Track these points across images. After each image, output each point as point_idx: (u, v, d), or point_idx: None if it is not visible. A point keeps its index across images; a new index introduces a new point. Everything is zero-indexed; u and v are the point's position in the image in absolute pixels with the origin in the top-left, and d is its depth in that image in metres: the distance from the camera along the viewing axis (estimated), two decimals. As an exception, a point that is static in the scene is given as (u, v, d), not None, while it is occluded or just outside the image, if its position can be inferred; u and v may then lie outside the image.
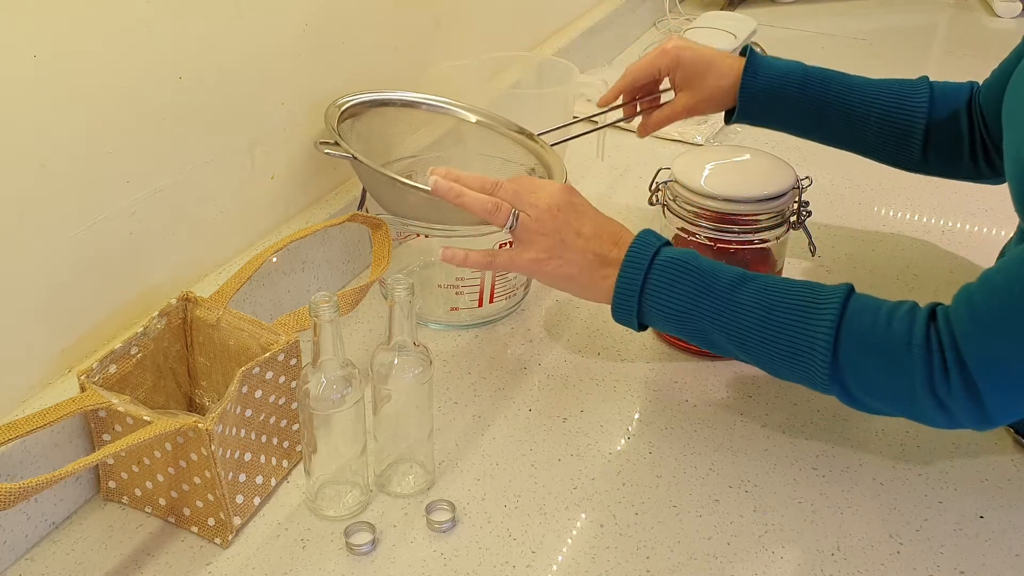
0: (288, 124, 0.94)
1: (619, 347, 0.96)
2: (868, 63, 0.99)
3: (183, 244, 0.85)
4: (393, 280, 0.71)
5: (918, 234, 1.16)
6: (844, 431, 0.85)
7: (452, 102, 1.04)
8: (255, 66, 0.88)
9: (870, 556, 0.73)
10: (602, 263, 0.81)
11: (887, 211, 1.21)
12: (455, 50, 1.22)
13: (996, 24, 1.90)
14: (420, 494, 0.78)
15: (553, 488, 0.79)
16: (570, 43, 1.50)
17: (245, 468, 0.75)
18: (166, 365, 0.80)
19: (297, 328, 0.79)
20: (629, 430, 0.85)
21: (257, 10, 0.86)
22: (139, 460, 0.74)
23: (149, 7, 0.75)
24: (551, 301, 1.03)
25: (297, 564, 0.72)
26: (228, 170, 0.88)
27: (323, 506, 0.76)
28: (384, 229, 0.89)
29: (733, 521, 0.76)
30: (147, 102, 0.77)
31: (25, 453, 0.70)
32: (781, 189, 0.89)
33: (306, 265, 0.98)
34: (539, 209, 0.82)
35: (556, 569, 0.72)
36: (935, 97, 0.98)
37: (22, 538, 0.72)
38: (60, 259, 0.73)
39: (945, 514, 0.77)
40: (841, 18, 1.91)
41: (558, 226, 0.82)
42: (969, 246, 1.14)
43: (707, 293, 0.77)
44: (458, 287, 0.96)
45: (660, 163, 0.99)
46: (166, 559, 0.72)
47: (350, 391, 0.72)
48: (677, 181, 0.91)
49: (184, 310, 0.80)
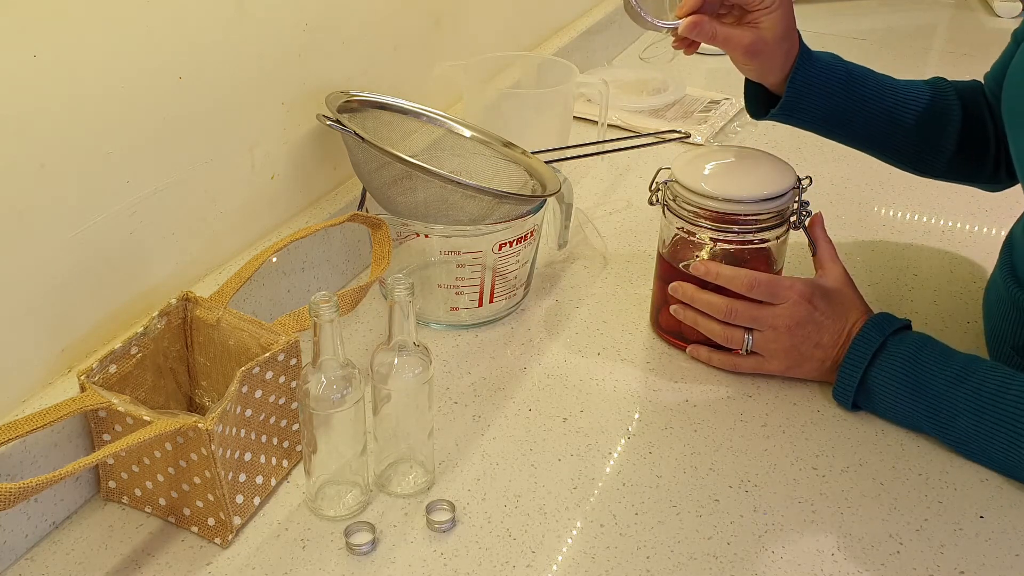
0: (288, 124, 0.94)
1: (619, 347, 0.96)
2: (868, 63, 0.98)
3: (183, 244, 0.85)
4: (393, 280, 0.71)
5: (918, 234, 1.16)
6: (844, 431, 0.85)
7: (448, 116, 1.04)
8: (255, 66, 0.88)
9: (870, 556, 0.73)
10: (836, 367, 0.86)
11: (887, 211, 1.21)
12: (455, 50, 1.22)
13: (996, 24, 1.90)
14: (420, 494, 0.78)
15: (553, 488, 0.79)
16: (570, 43, 1.50)
17: (245, 468, 0.75)
18: (166, 365, 0.80)
19: (297, 328, 0.79)
20: (629, 430, 0.85)
21: (257, 10, 0.86)
22: (139, 460, 0.74)
23: (149, 7, 0.75)
24: (551, 301, 1.03)
25: (297, 564, 0.72)
26: (228, 170, 0.88)
27: (323, 506, 0.76)
28: (384, 229, 0.89)
29: (733, 521, 0.76)
30: (147, 102, 0.77)
31: (25, 453, 0.70)
32: (781, 189, 0.89)
33: (306, 265, 0.98)
34: (778, 331, 0.87)
35: (556, 569, 0.72)
36: (963, 98, 0.97)
37: (22, 538, 0.72)
38: (60, 259, 0.73)
39: (945, 514, 0.77)
40: (841, 18, 1.91)
41: (796, 343, 0.87)
42: (969, 246, 1.14)
43: (922, 395, 0.81)
44: (458, 287, 0.96)
45: (660, 163, 0.99)
46: (166, 559, 0.72)
47: (350, 391, 0.72)
48: (677, 181, 0.91)
49: (184, 310, 0.80)
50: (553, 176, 0.98)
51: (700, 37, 0.90)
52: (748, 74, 0.95)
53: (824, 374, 0.88)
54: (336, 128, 0.89)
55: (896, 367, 0.82)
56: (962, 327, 0.99)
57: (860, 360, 0.83)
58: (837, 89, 0.95)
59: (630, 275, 1.07)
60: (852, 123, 0.97)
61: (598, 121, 1.25)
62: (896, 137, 0.98)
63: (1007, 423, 0.77)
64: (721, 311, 0.88)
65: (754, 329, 0.88)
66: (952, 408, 0.80)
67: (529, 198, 0.93)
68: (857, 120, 0.97)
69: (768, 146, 1.02)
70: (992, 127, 0.96)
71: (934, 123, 0.97)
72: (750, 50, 0.90)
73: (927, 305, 1.03)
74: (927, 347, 0.82)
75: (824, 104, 0.95)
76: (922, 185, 1.05)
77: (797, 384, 0.90)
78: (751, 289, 0.86)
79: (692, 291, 0.90)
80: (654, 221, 1.14)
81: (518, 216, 0.93)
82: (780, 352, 0.87)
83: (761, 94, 0.98)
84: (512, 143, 1.03)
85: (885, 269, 1.09)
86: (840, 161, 1.06)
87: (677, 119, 1.42)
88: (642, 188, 1.03)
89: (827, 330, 0.86)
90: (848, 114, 0.96)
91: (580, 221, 1.17)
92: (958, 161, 0.98)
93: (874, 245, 1.14)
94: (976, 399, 0.78)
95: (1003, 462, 0.79)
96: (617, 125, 1.40)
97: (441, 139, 1.04)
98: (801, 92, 0.94)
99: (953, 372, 0.80)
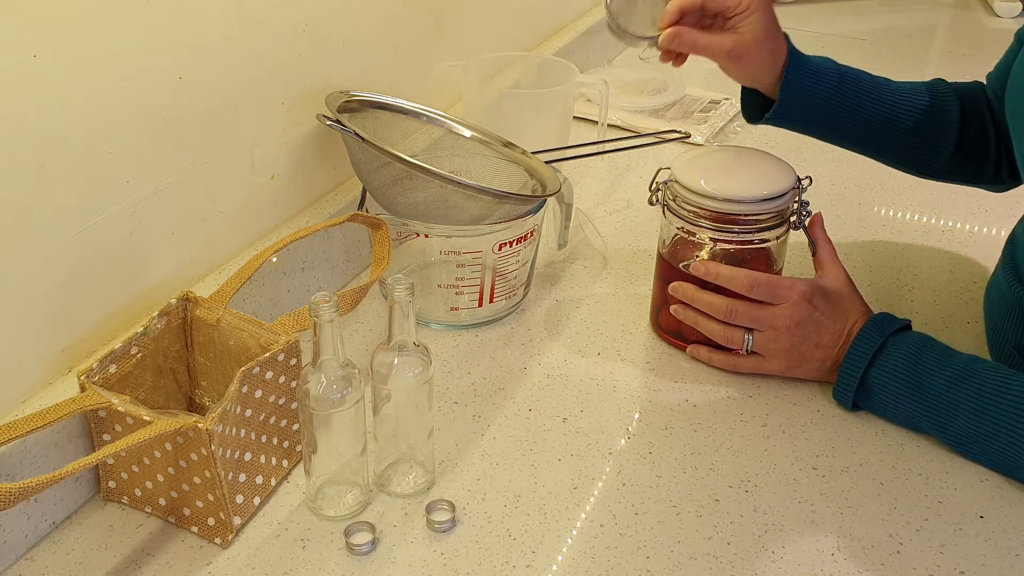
0: (288, 124, 0.94)
1: (619, 347, 0.96)
2: (868, 63, 0.98)
3: (183, 244, 0.85)
4: (393, 280, 0.71)
5: (918, 234, 1.16)
6: (844, 431, 0.85)
7: (448, 116, 1.04)
8: (255, 66, 0.88)
9: (870, 556, 0.73)
10: (837, 367, 0.86)
11: (887, 211, 1.21)
12: (455, 50, 1.22)
13: (996, 24, 1.90)
14: (420, 494, 0.78)
15: (553, 488, 0.79)
16: (570, 43, 1.50)
17: (245, 468, 0.75)
18: (166, 365, 0.80)
19: (297, 328, 0.79)
20: (629, 430, 0.85)
21: (257, 10, 0.86)
22: (139, 460, 0.74)
23: (149, 7, 0.75)
24: (551, 301, 1.03)
25: (297, 564, 0.72)
26: (228, 170, 0.88)
27: (323, 506, 0.76)
28: (384, 229, 0.89)
29: (733, 521, 0.76)
30: (147, 102, 0.77)
31: (25, 453, 0.70)
32: (781, 189, 0.89)
33: (306, 265, 0.98)
34: (778, 331, 0.87)
35: (556, 569, 0.72)
36: (962, 99, 0.96)
37: (22, 538, 0.72)
38: (60, 259, 0.73)
39: (945, 514, 0.77)
40: (841, 18, 1.91)
41: (796, 343, 0.87)
42: (969, 246, 1.14)
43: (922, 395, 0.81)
44: (458, 287, 0.96)
45: (660, 163, 0.99)
46: (166, 559, 0.72)
47: (350, 391, 0.72)
48: (677, 181, 0.91)
49: (184, 310, 0.80)
50: (553, 176, 0.98)
51: (682, 48, 0.92)
52: (737, 78, 0.96)
53: (824, 374, 0.88)
54: (336, 128, 0.89)
55: (896, 367, 0.82)
56: (962, 327, 0.99)
57: (860, 360, 0.83)
58: (830, 91, 0.95)
59: (630, 275, 1.07)
60: (848, 125, 0.97)
61: (598, 121, 1.25)
62: (893, 139, 0.98)
63: (1007, 423, 0.77)
64: (721, 311, 0.88)
65: (754, 329, 0.88)
66: (952, 408, 0.80)
67: (529, 198, 0.93)
68: (852, 122, 0.97)
69: (768, 146, 1.02)
70: (992, 128, 0.96)
71: (932, 124, 0.96)
72: (732, 54, 0.91)
73: (927, 305, 1.03)
74: (927, 347, 0.82)
75: (818, 106, 0.95)
76: (922, 185, 1.05)
77: (797, 384, 0.90)
78: (751, 289, 0.86)
79: (692, 291, 0.90)
80: (654, 221, 1.14)
81: (518, 216, 0.93)
82: (780, 352, 0.87)
83: (757, 99, 0.99)
84: (512, 143, 1.03)
85: (885, 269, 1.09)
86: (840, 161, 1.06)
87: (677, 119, 1.42)
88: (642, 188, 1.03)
89: (827, 330, 0.86)
90: (843, 116, 0.96)
91: (580, 221, 1.17)
92: (958, 162, 0.98)
93: (874, 245, 1.14)
94: (976, 399, 0.78)
95: (1003, 462, 0.79)
96: (617, 125, 1.40)
97: (441, 139, 1.04)
98: (794, 95, 0.94)
99: (953, 372, 0.80)
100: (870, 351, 0.83)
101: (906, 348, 0.83)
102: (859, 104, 0.96)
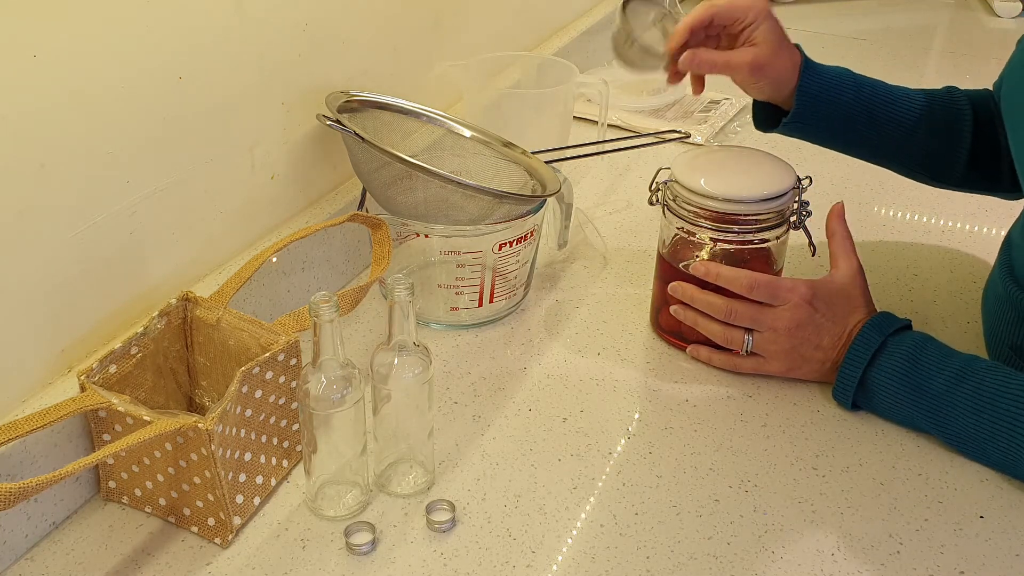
0: (288, 124, 0.94)
1: (619, 347, 0.96)
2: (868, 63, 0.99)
3: (183, 244, 0.85)
4: (393, 280, 0.71)
5: (918, 234, 1.16)
6: (844, 431, 0.85)
7: (448, 116, 1.04)
8: (255, 66, 0.88)
9: (870, 556, 0.73)
10: (837, 368, 0.86)
11: (887, 211, 1.21)
12: (455, 50, 1.22)
13: (996, 24, 1.90)
14: (420, 494, 0.78)
15: (553, 488, 0.79)
16: (570, 43, 1.50)
17: (245, 468, 0.75)
18: (166, 365, 0.80)
19: (297, 328, 0.79)
20: (629, 430, 0.85)
21: (257, 10, 0.86)
22: (139, 460, 0.74)
23: (149, 7, 0.75)
24: (551, 301, 1.03)
25: (297, 564, 0.72)
26: (228, 170, 0.88)
27: (323, 506, 0.76)
28: (384, 229, 0.89)
29: (733, 521, 0.76)
30: (147, 102, 0.77)
31: (25, 453, 0.70)
32: (781, 189, 0.89)
33: (306, 265, 0.98)
34: (778, 332, 0.86)
35: (556, 569, 0.72)
36: (975, 106, 0.96)
37: (22, 538, 0.72)
38: (60, 259, 0.73)
39: (945, 514, 0.77)
40: (841, 18, 1.91)
41: (796, 345, 0.87)
42: (969, 246, 1.14)
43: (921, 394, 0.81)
44: (458, 287, 0.96)
45: (660, 163, 0.99)
46: (166, 559, 0.72)
47: (350, 391, 0.72)
48: (677, 181, 0.91)
49: (184, 310, 0.80)
50: (553, 176, 0.98)
51: (701, 68, 0.91)
52: (759, 94, 0.95)
53: (824, 375, 0.88)
54: (336, 128, 0.89)
55: (896, 367, 0.82)
56: (962, 327, 0.99)
57: (860, 360, 0.83)
58: (847, 97, 0.94)
59: (630, 275, 1.07)
60: (864, 133, 0.97)
61: (598, 121, 1.26)
62: (910, 147, 0.97)
63: (1006, 423, 0.77)
64: (721, 312, 0.88)
65: (754, 330, 0.88)
66: (951, 408, 0.80)
67: (529, 198, 0.93)
68: (868, 129, 0.96)
69: (768, 146, 1.02)
70: (1004, 135, 0.96)
71: (947, 132, 0.96)
72: (754, 66, 0.91)
73: (927, 305, 1.03)
74: (927, 347, 0.82)
75: (835, 113, 0.94)
76: (922, 186, 1.05)
77: (797, 384, 0.90)
78: (751, 290, 0.86)
79: (692, 291, 0.90)
80: (654, 221, 1.14)
81: (518, 216, 0.93)
82: (780, 353, 0.87)
83: (769, 109, 0.98)
84: (512, 143, 1.03)
85: (885, 269, 1.09)
86: (840, 161, 1.06)
87: (677, 119, 1.42)
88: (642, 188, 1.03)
89: (827, 332, 0.86)
90: (859, 123, 0.96)
91: (580, 221, 1.17)
92: (974, 169, 0.98)
93: (874, 245, 1.14)
94: (975, 399, 0.78)
95: (1002, 461, 0.79)
96: (617, 125, 1.40)
97: (441, 139, 1.04)
98: (811, 100, 0.93)
99: (953, 372, 0.80)
100: (870, 351, 0.83)
101: (906, 348, 0.83)
102: (875, 110, 0.95)
